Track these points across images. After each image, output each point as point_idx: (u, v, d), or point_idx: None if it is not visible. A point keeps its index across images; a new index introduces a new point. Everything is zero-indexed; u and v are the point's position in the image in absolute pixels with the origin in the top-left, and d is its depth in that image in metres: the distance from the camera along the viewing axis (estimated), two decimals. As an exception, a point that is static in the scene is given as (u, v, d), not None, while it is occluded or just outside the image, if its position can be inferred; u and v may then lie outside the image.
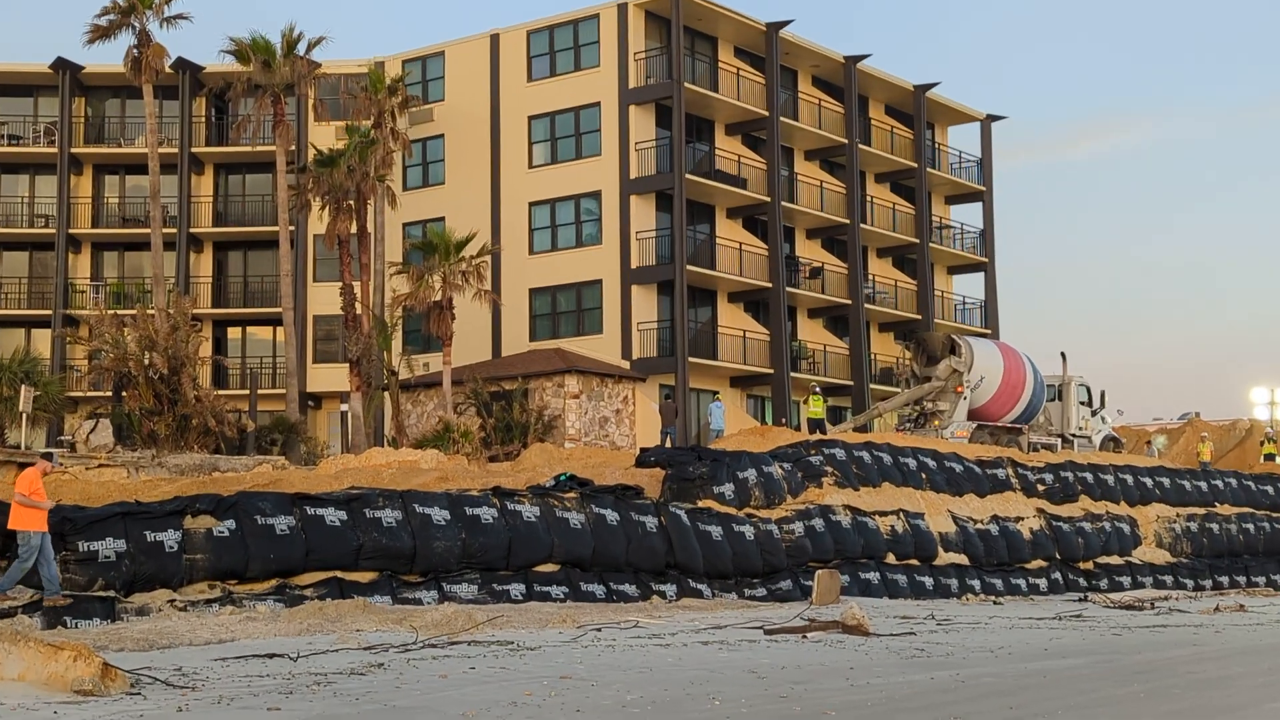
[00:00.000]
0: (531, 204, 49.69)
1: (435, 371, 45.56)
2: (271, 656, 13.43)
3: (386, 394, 43.78)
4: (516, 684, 11.89)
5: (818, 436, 33.74)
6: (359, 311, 43.61)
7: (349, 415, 43.98)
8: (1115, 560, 34.42)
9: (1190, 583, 35.57)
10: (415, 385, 46.05)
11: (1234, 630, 21.23)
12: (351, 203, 43.63)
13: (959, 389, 40.05)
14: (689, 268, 47.21)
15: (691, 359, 46.84)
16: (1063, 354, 43.92)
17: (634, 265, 47.26)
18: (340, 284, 44.00)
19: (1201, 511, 38.06)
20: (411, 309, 42.51)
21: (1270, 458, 49.20)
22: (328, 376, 51.73)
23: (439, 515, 21.37)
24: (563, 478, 24.94)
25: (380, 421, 47.25)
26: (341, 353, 48.17)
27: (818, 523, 27.40)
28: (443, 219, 49.80)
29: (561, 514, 22.89)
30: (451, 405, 42.06)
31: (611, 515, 23.53)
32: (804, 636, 17.38)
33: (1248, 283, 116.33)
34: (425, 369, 47.49)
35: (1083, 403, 43.78)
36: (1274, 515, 40.03)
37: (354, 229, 44.03)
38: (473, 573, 21.38)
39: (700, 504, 25.99)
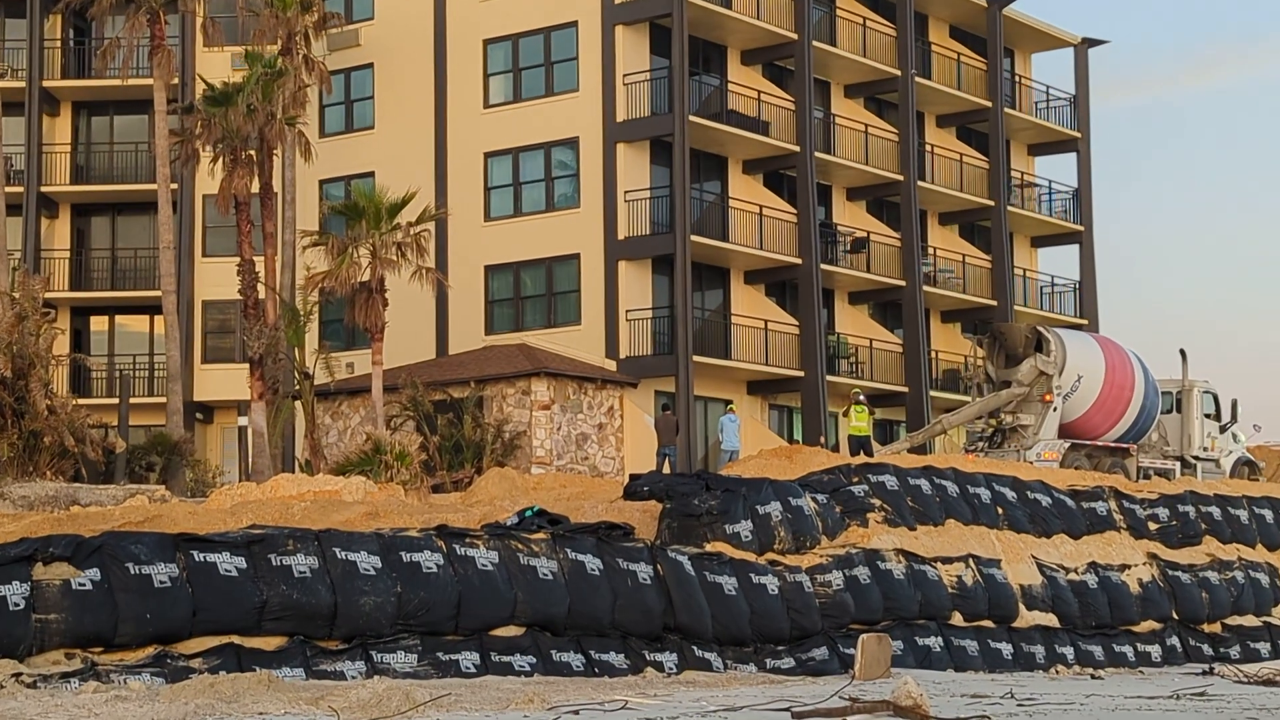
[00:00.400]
0: (488, 155, 49.70)
1: (362, 374, 45.57)
2: (147, 748, 13.40)
3: (298, 404, 43.76)
4: (468, 784, 11.88)
5: (862, 459, 33.76)
6: (262, 296, 43.58)
7: (249, 431, 43.98)
8: (1250, 621, 34.46)
9: (1348, 650, 35.63)
10: (336, 392, 46.03)
11: (1405, 713, 21.24)
12: (253, 153, 43.61)
13: (1047, 397, 40.12)
14: (694, 238, 47.25)
15: (697, 358, 46.89)
16: (1182, 352, 44.01)
17: (622, 235, 47.28)
18: (238, 260, 43.99)
19: (1362, 557, 38.10)
20: (331, 292, 42.46)
21: None
22: (221, 381, 51.69)
23: (367, 563, 21.34)
24: (529, 513, 24.93)
25: (290, 439, 47.18)
26: (239, 350, 48.14)
27: (862, 572, 27.39)
28: (372, 174, 49.78)
29: (527, 561, 22.87)
30: (384, 418, 42.03)
31: (593, 562, 23.51)
32: (844, 721, 17.40)
33: None
34: (349, 371, 47.49)
35: (1208, 415, 43.86)
36: None
37: (256, 187, 44.01)
38: (411, 637, 21.36)
39: (709, 547, 25.97)
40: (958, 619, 28.72)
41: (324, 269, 42.21)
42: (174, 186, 48.23)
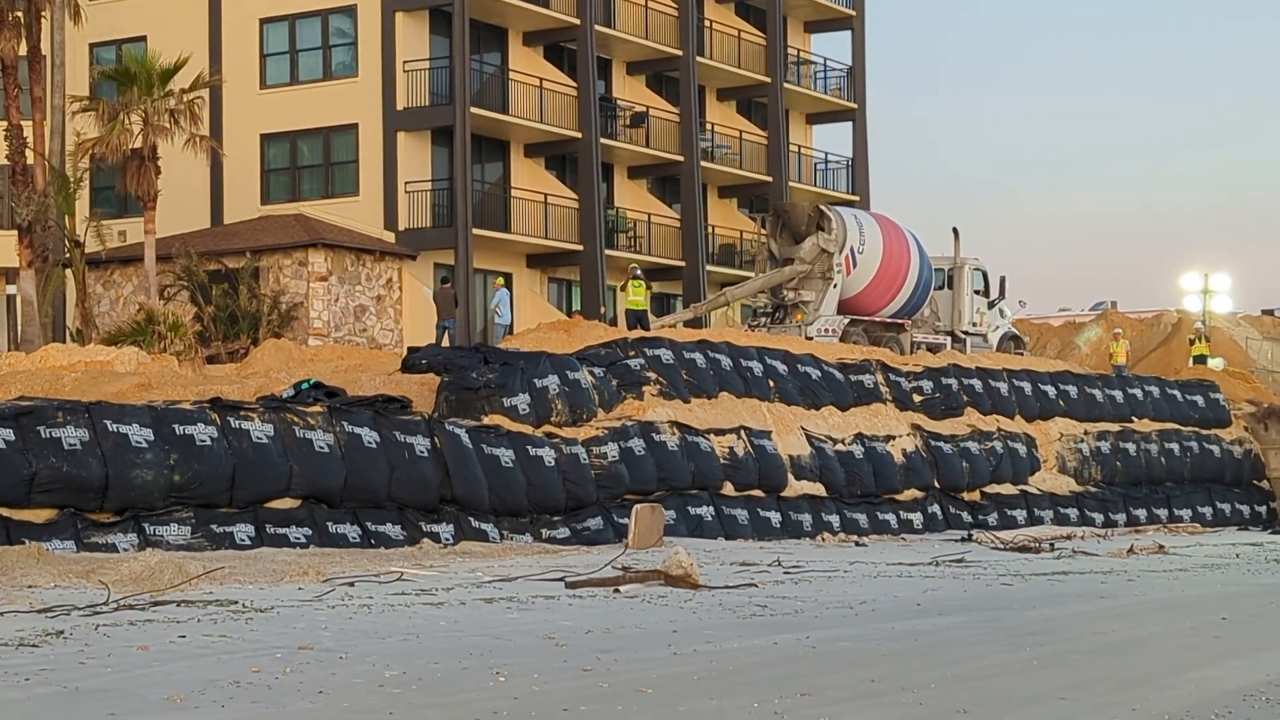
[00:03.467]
0: (263, 21, 48.70)
1: (135, 243, 44.74)
2: (-89, 624, 13.22)
3: (69, 272, 42.90)
4: (241, 657, 11.93)
5: (638, 333, 34.03)
6: (30, 161, 42.51)
7: (18, 300, 43.07)
8: (1008, 489, 35.64)
9: (1099, 517, 37.05)
10: (108, 261, 45.21)
11: (1151, 578, 22.24)
12: (20, 14, 42.28)
13: (828, 274, 40.66)
14: (473, 110, 46.92)
15: (477, 230, 46.75)
16: (955, 230, 44.93)
17: (400, 106, 46.78)
18: (4, 125, 42.79)
19: (1115, 428, 39.56)
20: (102, 159, 41.62)
21: (1201, 360, 51.26)
22: (-12, 248, 50.35)
23: (139, 435, 21.21)
24: (305, 385, 24.89)
25: (60, 309, 46.21)
26: (7, 216, 46.85)
27: (637, 444, 27.80)
28: (144, 39, 48.52)
29: (303, 434, 22.85)
30: (157, 288, 41.41)
31: (369, 435, 23.56)
32: (616, 591, 17.74)
33: (1192, 142, 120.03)
34: (122, 239, 46.64)
35: (978, 291, 44.93)
36: (1203, 433, 41.82)
37: (23, 50, 42.72)
38: (185, 510, 21.32)
39: (486, 420, 26.15)
40: (729, 489, 29.32)
41: (95, 135, 41.37)
42: (-64, 47, 46.53)
